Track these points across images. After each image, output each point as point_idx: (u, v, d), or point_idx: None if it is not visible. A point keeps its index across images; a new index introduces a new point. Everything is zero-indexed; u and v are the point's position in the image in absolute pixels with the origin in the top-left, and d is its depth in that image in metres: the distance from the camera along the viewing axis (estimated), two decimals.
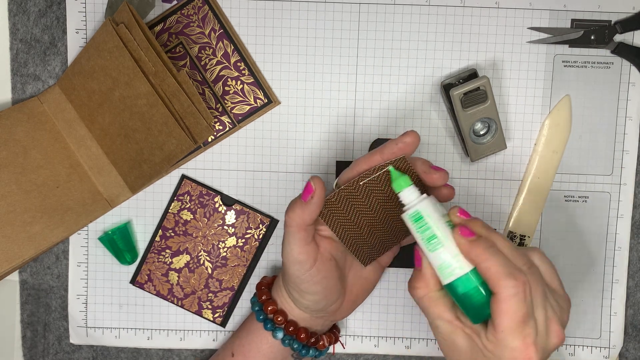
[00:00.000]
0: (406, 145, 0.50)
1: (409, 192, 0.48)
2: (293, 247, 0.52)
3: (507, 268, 0.45)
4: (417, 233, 0.48)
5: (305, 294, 0.54)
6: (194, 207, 0.63)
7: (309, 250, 0.52)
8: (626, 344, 0.64)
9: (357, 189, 0.51)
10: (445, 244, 0.46)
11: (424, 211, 0.47)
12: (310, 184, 0.50)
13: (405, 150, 0.50)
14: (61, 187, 0.60)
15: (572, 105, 0.62)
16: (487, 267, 0.45)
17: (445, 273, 0.47)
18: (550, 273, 0.49)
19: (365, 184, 0.50)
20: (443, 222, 0.47)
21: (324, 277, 0.53)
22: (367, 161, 0.51)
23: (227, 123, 0.62)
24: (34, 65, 0.62)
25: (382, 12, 0.61)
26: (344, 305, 0.57)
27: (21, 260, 0.58)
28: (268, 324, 0.57)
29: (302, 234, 0.51)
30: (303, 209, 0.50)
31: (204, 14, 0.61)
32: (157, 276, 0.63)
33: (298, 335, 0.57)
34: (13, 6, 0.61)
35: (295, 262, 0.52)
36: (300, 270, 0.52)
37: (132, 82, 0.57)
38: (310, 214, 0.50)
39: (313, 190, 0.50)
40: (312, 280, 0.53)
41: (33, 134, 0.60)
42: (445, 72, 0.61)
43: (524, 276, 0.45)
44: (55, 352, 0.64)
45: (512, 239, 0.62)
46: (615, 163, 0.62)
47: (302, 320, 0.57)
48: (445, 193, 0.52)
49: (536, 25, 0.61)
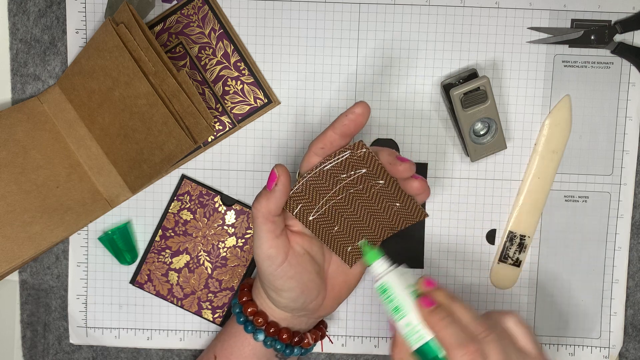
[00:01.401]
0: (357, 115, 0.50)
1: (378, 265, 0.51)
2: (262, 242, 0.51)
3: (459, 337, 0.47)
4: (384, 304, 0.50)
5: (280, 291, 0.53)
6: (194, 207, 0.63)
7: (279, 244, 0.51)
8: (626, 344, 0.64)
9: (321, 175, 0.50)
10: (408, 313, 0.49)
11: (387, 283, 0.50)
12: (274, 171, 0.50)
13: (357, 122, 0.50)
14: (61, 187, 0.60)
15: (572, 105, 0.62)
16: (442, 337, 0.48)
17: (411, 340, 0.49)
18: (525, 336, 0.51)
19: (329, 170, 0.50)
20: (407, 293, 0.50)
21: (297, 272, 0.52)
22: (321, 139, 0.50)
23: (227, 123, 0.62)
24: (34, 65, 0.62)
25: (382, 12, 0.61)
26: (326, 301, 0.56)
27: (21, 260, 0.58)
28: (248, 326, 0.56)
29: (270, 226, 0.51)
30: (268, 198, 0.50)
31: (204, 14, 0.61)
32: (157, 276, 0.63)
33: (280, 336, 0.56)
34: (13, 6, 0.61)
35: (265, 257, 0.51)
36: (271, 265, 0.52)
37: (132, 82, 0.57)
38: (275, 202, 0.50)
39: (277, 177, 0.49)
40: (285, 276, 0.52)
41: (33, 134, 0.60)
42: (445, 72, 0.61)
43: (475, 345, 0.47)
44: (55, 352, 0.64)
45: (512, 239, 0.62)
46: (615, 163, 0.62)
47: (284, 320, 0.56)
48: (416, 186, 0.51)
49: (536, 25, 0.61)
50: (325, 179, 0.50)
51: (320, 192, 0.51)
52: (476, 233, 0.63)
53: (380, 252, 0.52)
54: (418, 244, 0.63)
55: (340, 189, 0.51)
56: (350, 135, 0.50)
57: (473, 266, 0.63)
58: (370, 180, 0.51)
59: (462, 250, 0.63)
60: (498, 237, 0.63)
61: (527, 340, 0.51)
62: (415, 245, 0.63)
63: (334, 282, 0.56)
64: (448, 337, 0.47)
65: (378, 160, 0.50)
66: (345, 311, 0.64)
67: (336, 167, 0.50)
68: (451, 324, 0.48)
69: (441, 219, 0.63)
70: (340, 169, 0.50)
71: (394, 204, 0.52)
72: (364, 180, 0.51)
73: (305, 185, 0.50)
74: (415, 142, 0.62)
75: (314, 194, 0.51)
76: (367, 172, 0.50)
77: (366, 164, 0.50)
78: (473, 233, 0.63)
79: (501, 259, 0.62)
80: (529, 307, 0.63)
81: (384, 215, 0.53)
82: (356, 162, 0.50)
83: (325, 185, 0.51)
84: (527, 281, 0.63)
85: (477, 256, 0.63)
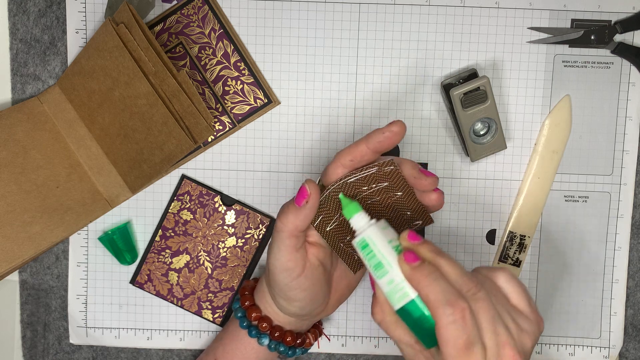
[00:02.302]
0: (393, 134, 0.48)
1: (358, 218, 0.48)
2: (282, 254, 0.50)
3: (445, 295, 0.43)
4: (365, 260, 0.47)
5: (292, 301, 0.53)
6: (194, 207, 0.63)
7: (298, 257, 0.50)
8: (626, 344, 0.64)
9: (344, 188, 0.50)
10: (390, 271, 0.46)
11: (368, 238, 0.47)
12: (306, 187, 0.48)
13: (392, 140, 0.49)
14: (61, 187, 0.60)
15: (572, 105, 0.62)
16: (426, 294, 0.44)
17: (394, 299, 0.46)
18: (518, 294, 0.47)
19: (352, 183, 0.49)
20: (390, 248, 0.46)
21: (311, 284, 0.52)
22: (351, 152, 0.49)
23: (227, 123, 0.62)
24: (33, 65, 0.62)
25: (382, 12, 0.61)
26: (329, 304, 0.56)
27: (21, 260, 0.58)
28: (252, 330, 0.56)
29: (293, 241, 0.50)
30: (297, 214, 0.49)
31: (204, 14, 0.61)
32: (157, 276, 0.63)
33: (284, 340, 0.56)
34: (13, 6, 0.61)
35: (283, 269, 0.51)
36: (288, 277, 0.51)
37: (132, 82, 0.57)
38: (304, 219, 0.49)
39: (308, 195, 0.48)
40: (300, 288, 0.51)
41: (33, 134, 0.60)
42: (445, 72, 0.61)
43: (462, 302, 0.43)
44: (55, 352, 0.64)
45: (512, 239, 0.62)
46: (615, 163, 0.62)
47: (287, 324, 0.56)
48: (434, 198, 0.51)
49: (536, 25, 0.61)
50: (346, 191, 0.50)
51: (339, 204, 0.50)
52: (476, 233, 0.63)
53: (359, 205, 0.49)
54: None
55: (359, 201, 0.50)
56: (382, 151, 0.49)
57: (473, 266, 0.63)
58: (389, 192, 0.50)
59: (462, 250, 0.63)
60: (498, 237, 0.63)
61: (520, 298, 0.47)
62: None
63: (337, 286, 0.56)
64: (434, 294, 0.44)
65: (402, 176, 0.50)
66: (345, 311, 0.64)
67: (360, 181, 0.49)
68: (437, 280, 0.44)
69: (441, 219, 0.63)
70: (363, 182, 0.50)
71: (405, 212, 0.52)
72: (383, 192, 0.50)
73: (328, 196, 0.50)
74: (415, 142, 0.62)
75: (334, 205, 0.50)
76: (388, 186, 0.50)
77: (390, 179, 0.50)
78: (473, 233, 0.63)
79: (501, 259, 0.62)
80: None
81: (394, 223, 0.53)
82: (380, 177, 0.50)
83: None
84: (527, 281, 0.63)
85: (477, 256, 0.63)
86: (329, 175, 0.50)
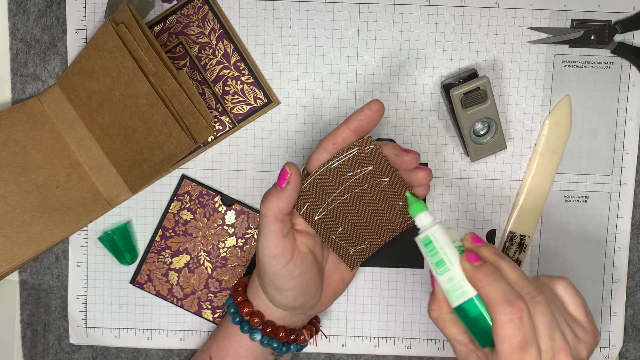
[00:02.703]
0: (373, 112, 0.49)
1: (423, 216, 0.49)
2: (269, 240, 0.50)
3: (505, 295, 0.44)
4: (427, 257, 0.48)
5: (282, 291, 0.52)
6: (194, 207, 0.63)
7: (286, 243, 0.51)
8: (626, 344, 0.64)
9: (328, 173, 0.50)
10: (451, 268, 0.47)
11: (432, 236, 0.48)
12: (286, 169, 0.49)
13: (372, 118, 0.49)
14: (61, 187, 0.60)
15: (572, 105, 0.62)
16: (486, 293, 0.45)
17: (452, 297, 0.47)
18: (575, 303, 0.48)
19: (336, 168, 0.50)
20: (452, 247, 0.48)
21: (301, 272, 0.52)
22: (333, 136, 0.50)
23: (227, 123, 0.62)
24: (33, 65, 0.62)
25: (382, 12, 0.61)
26: (322, 298, 0.56)
27: (21, 260, 0.58)
28: (245, 326, 0.56)
29: (279, 225, 0.50)
30: (279, 196, 0.49)
31: (204, 14, 0.61)
32: (157, 276, 0.63)
33: (277, 335, 0.56)
34: (13, 6, 0.61)
35: (271, 256, 0.51)
36: (277, 265, 0.51)
37: (132, 82, 0.57)
38: (286, 201, 0.49)
39: (288, 175, 0.49)
40: (289, 276, 0.51)
41: (33, 134, 0.60)
42: (445, 72, 0.61)
43: (522, 303, 0.44)
44: (55, 352, 0.64)
45: (512, 239, 0.62)
46: (615, 163, 0.62)
47: (280, 319, 0.56)
48: (422, 176, 0.51)
49: (536, 25, 0.61)
50: (332, 177, 0.50)
51: (326, 191, 0.51)
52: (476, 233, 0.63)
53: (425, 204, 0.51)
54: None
55: (346, 188, 0.51)
56: (364, 132, 0.50)
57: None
58: (376, 179, 0.51)
59: None
60: (498, 237, 0.63)
61: (577, 307, 0.48)
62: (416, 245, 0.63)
63: (331, 280, 0.56)
64: (493, 293, 0.45)
65: (385, 157, 0.50)
66: (345, 311, 0.64)
67: (343, 165, 0.50)
68: (497, 280, 0.45)
69: (441, 219, 0.63)
70: (347, 166, 0.50)
71: (397, 203, 0.52)
72: (369, 178, 0.51)
73: (313, 183, 0.50)
74: (415, 142, 0.62)
75: (321, 193, 0.51)
76: (373, 170, 0.50)
77: (373, 161, 0.50)
78: None
79: None
80: None
81: (387, 216, 0.53)
82: (363, 160, 0.50)
83: (332, 184, 0.51)
84: None
85: None
86: (313, 162, 0.51)
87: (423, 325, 0.64)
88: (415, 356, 0.64)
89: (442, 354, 0.64)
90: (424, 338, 0.64)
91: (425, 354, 0.64)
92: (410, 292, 0.63)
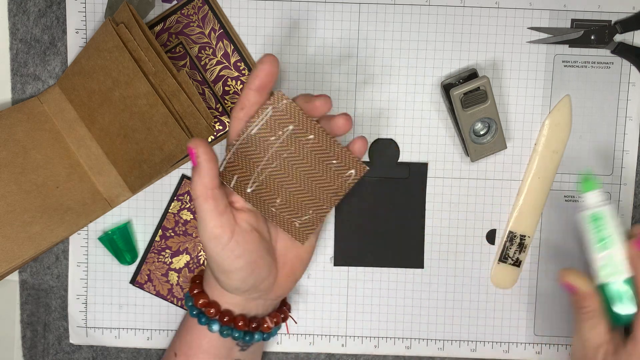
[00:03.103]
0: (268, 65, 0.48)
1: (595, 194, 0.54)
2: (206, 222, 0.48)
3: None
4: (591, 232, 0.54)
5: (229, 272, 0.51)
6: (194, 207, 0.63)
7: (224, 221, 0.49)
8: None
9: (251, 142, 0.48)
10: (614, 247, 0.53)
11: (607, 214, 0.54)
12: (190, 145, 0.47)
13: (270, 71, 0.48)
14: (61, 187, 0.60)
15: (572, 105, 0.62)
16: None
17: (605, 273, 0.53)
18: None
19: (257, 135, 0.48)
20: (618, 229, 0.54)
21: (245, 250, 0.50)
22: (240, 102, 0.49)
23: (227, 123, 0.62)
24: (33, 65, 0.62)
25: (382, 12, 0.61)
26: (279, 280, 0.54)
27: (21, 260, 0.58)
28: (202, 318, 0.54)
29: (211, 203, 0.48)
30: (198, 173, 0.48)
31: (204, 14, 0.61)
32: (157, 276, 0.63)
33: (235, 324, 0.54)
34: (13, 6, 0.61)
35: (211, 237, 0.49)
36: (218, 245, 0.49)
37: (132, 82, 0.57)
38: (207, 174, 0.47)
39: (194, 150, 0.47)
40: (232, 255, 0.50)
41: (33, 134, 0.60)
42: (445, 72, 0.61)
43: None
44: (55, 352, 0.64)
45: (512, 239, 0.62)
46: (615, 163, 0.62)
47: (237, 306, 0.54)
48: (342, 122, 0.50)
49: (536, 25, 0.61)
50: (255, 145, 0.48)
51: (253, 160, 0.49)
52: (476, 233, 0.63)
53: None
54: (418, 244, 0.63)
55: (273, 155, 0.49)
56: (266, 87, 0.49)
57: (473, 266, 0.63)
58: (300, 138, 0.49)
59: (462, 250, 0.63)
60: (498, 237, 0.63)
61: None
62: (415, 245, 0.63)
63: (285, 259, 0.54)
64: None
65: (301, 110, 0.48)
66: (345, 311, 0.64)
67: (263, 130, 0.48)
68: None
69: (441, 219, 0.63)
70: (267, 130, 0.48)
71: (331, 161, 0.50)
72: (294, 139, 0.49)
73: (237, 153, 0.48)
74: (415, 142, 0.62)
75: (248, 163, 0.49)
76: (294, 129, 0.49)
77: (291, 119, 0.48)
78: (473, 233, 0.63)
79: (501, 259, 0.62)
80: (529, 307, 0.63)
81: (325, 178, 0.50)
82: (281, 119, 0.48)
83: (257, 152, 0.49)
84: (527, 281, 0.63)
85: (477, 256, 0.63)
86: (231, 134, 0.50)
87: (423, 325, 0.64)
88: (415, 356, 0.64)
89: (442, 354, 0.64)
90: (424, 338, 0.64)
91: (425, 354, 0.64)
92: (410, 292, 0.63)
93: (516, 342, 0.63)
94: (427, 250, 0.63)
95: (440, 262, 0.63)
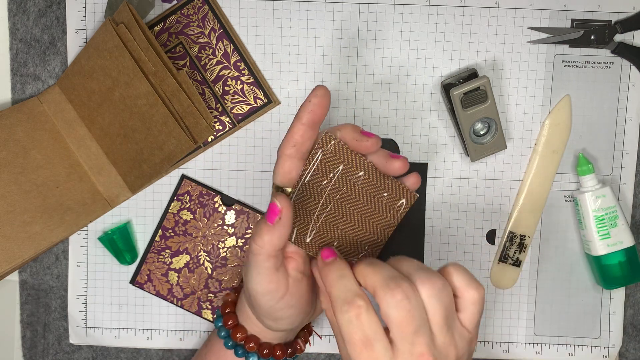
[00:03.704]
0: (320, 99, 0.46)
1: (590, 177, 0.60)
2: (263, 278, 0.47)
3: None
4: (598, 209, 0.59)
5: (280, 319, 0.50)
6: (193, 207, 0.63)
7: (280, 277, 0.47)
8: (626, 343, 0.64)
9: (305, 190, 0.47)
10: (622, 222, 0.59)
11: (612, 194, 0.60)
12: (275, 203, 0.45)
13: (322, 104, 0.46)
14: (61, 187, 0.60)
15: (572, 105, 0.62)
16: None
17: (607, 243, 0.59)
18: None
19: (310, 182, 0.47)
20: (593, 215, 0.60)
21: (297, 300, 0.49)
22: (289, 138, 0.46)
23: (227, 123, 0.62)
24: (33, 65, 0.62)
25: (382, 12, 0.61)
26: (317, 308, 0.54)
27: (21, 260, 0.58)
28: (239, 350, 0.53)
29: (272, 262, 0.46)
30: (271, 233, 0.45)
31: (204, 14, 0.61)
32: (157, 276, 0.63)
33: (274, 355, 0.53)
34: (13, 6, 0.61)
35: (266, 292, 0.47)
36: (272, 300, 0.48)
37: (132, 82, 0.57)
38: (280, 237, 0.45)
39: (280, 211, 0.45)
40: (287, 306, 0.48)
41: (33, 134, 0.60)
42: (445, 72, 0.61)
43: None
44: (55, 352, 0.64)
45: (512, 239, 0.62)
46: (615, 163, 0.62)
47: (276, 339, 0.54)
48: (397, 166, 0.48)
49: (536, 25, 0.61)
50: (309, 192, 0.47)
51: (308, 209, 0.48)
52: (476, 233, 0.63)
53: None
54: (418, 243, 0.63)
55: (327, 198, 0.48)
56: (318, 122, 0.46)
57: (473, 266, 0.63)
58: (351, 176, 0.48)
59: (462, 250, 0.63)
60: (498, 237, 0.63)
61: None
62: (416, 245, 0.63)
63: None
64: None
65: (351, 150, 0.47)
66: None
67: (315, 176, 0.47)
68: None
69: (441, 219, 0.63)
70: (319, 175, 0.47)
71: (382, 194, 0.49)
72: (344, 179, 0.48)
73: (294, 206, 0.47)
74: (415, 142, 0.62)
75: (304, 213, 0.48)
76: (344, 168, 0.47)
77: (340, 158, 0.47)
78: (473, 233, 0.63)
79: (501, 259, 0.62)
80: (529, 307, 0.63)
81: (377, 212, 0.50)
82: (330, 160, 0.47)
83: (312, 200, 0.48)
84: (527, 281, 0.63)
85: (477, 256, 0.63)
86: (280, 174, 0.47)
87: None
88: None
89: None
90: None
91: None
92: None
93: (516, 342, 0.63)
94: (427, 250, 0.63)
95: (440, 262, 0.63)
